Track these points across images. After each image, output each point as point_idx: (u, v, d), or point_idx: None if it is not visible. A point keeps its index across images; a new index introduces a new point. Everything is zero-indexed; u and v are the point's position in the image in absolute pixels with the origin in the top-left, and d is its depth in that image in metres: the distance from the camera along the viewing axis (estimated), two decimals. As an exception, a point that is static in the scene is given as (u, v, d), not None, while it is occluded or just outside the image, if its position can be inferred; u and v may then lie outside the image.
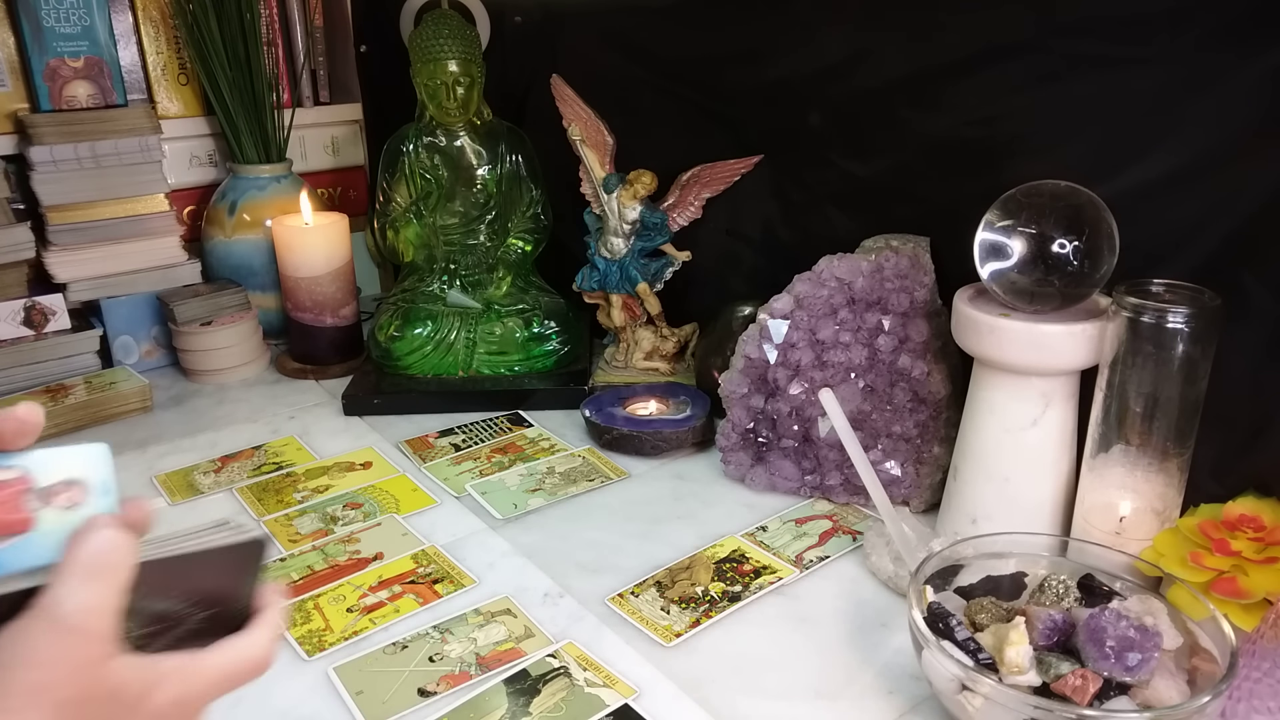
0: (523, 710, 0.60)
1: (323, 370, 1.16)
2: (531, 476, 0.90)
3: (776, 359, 0.85)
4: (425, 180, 1.10)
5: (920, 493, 0.82)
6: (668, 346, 1.09)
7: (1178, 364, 0.62)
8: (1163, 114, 0.68)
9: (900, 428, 0.82)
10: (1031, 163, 0.72)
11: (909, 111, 0.84)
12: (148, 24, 1.20)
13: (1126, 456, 0.66)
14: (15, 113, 1.12)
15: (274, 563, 0.77)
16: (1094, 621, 0.55)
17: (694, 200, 1.04)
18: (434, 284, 1.10)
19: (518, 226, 1.12)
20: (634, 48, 1.07)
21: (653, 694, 0.62)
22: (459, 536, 0.81)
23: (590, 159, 1.06)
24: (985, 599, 0.61)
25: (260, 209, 1.21)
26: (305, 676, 0.64)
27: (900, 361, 0.82)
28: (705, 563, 0.76)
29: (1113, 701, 0.53)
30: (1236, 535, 0.61)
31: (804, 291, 0.84)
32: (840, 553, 0.78)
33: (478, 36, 1.08)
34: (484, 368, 1.08)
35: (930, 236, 0.84)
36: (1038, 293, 0.68)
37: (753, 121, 0.98)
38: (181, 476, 0.91)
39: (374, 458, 0.95)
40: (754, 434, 0.88)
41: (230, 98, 1.19)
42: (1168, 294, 0.63)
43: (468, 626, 0.69)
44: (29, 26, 1.10)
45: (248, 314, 1.16)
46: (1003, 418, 0.71)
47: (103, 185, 1.13)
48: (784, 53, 0.93)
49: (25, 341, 1.08)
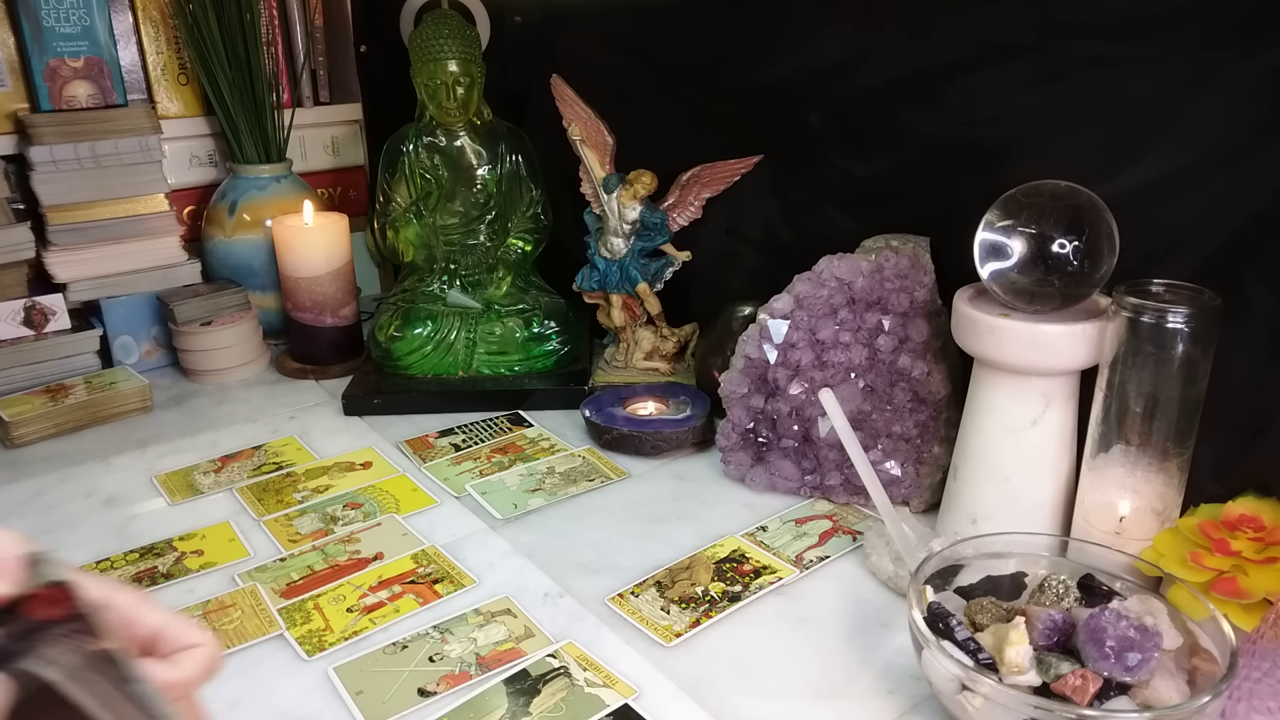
0: (523, 710, 0.60)
1: (323, 370, 1.16)
2: (531, 476, 0.90)
3: (776, 359, 0.85)
4: (425, 180, 1.10)
5: (920, 493, 0.82)
6: (668, 346, 1.09)
7: (1178, 364, 0.62)
8: (1162, 114, 0.68)
9: (900, 428, 0.82)
10: (1031, 163, 0.72)
11: (909, 111, 0.84)
12: (148, 24, 1.20)
13: (1126, 456, 0.66)
14: (15, 113, 1.12)
15: (274, 563, 0.77)
16: (1094, 621, 0.55)
17: (694, 200, 1.04)
18: (434, 284, 1.10)
19: (518, 226, 1.12)
20: (634, 48, 1.07)
21: (653, 694, 0.62)
22: (459, 536, 0.81)
23: (590, 159, 1.06)
24: (985, 599, 0.61)
25: (260, 209, 1.21)
26: (305, 676, 0.64)
27: (900, 361, 0.82)
28: (705, 563, 0.76)
29: (1113, 701, 0.53)
30: (1236, 535, 0.61)
31: (804, 291, 0.84)
32: (840, 553, 0.78)
33: (478, 36, 1.08)
34: (484, 368, 1.08)
35: (930, 236, 0.84)
36: (1038, 293, 0.68)
37: (753, 121, 0.98)
38: (181, 477, 0.91)
39: (374, 458, 0.95)
40: (754, 434, 0.88)
41: (230, 98, 1.19)
42: (1168, 294, 0.63)
43: (468, 626, 0.69)
44: (29, 26, 1.10)
45: (248, 314, 1.16)
46: (1003, 418, 0.71)
47: (103, 185, 1.13)
48: (784, 53, 0.93)
49: (25, 341, 1.08)
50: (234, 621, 0.70)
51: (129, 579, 0.75)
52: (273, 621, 0.70)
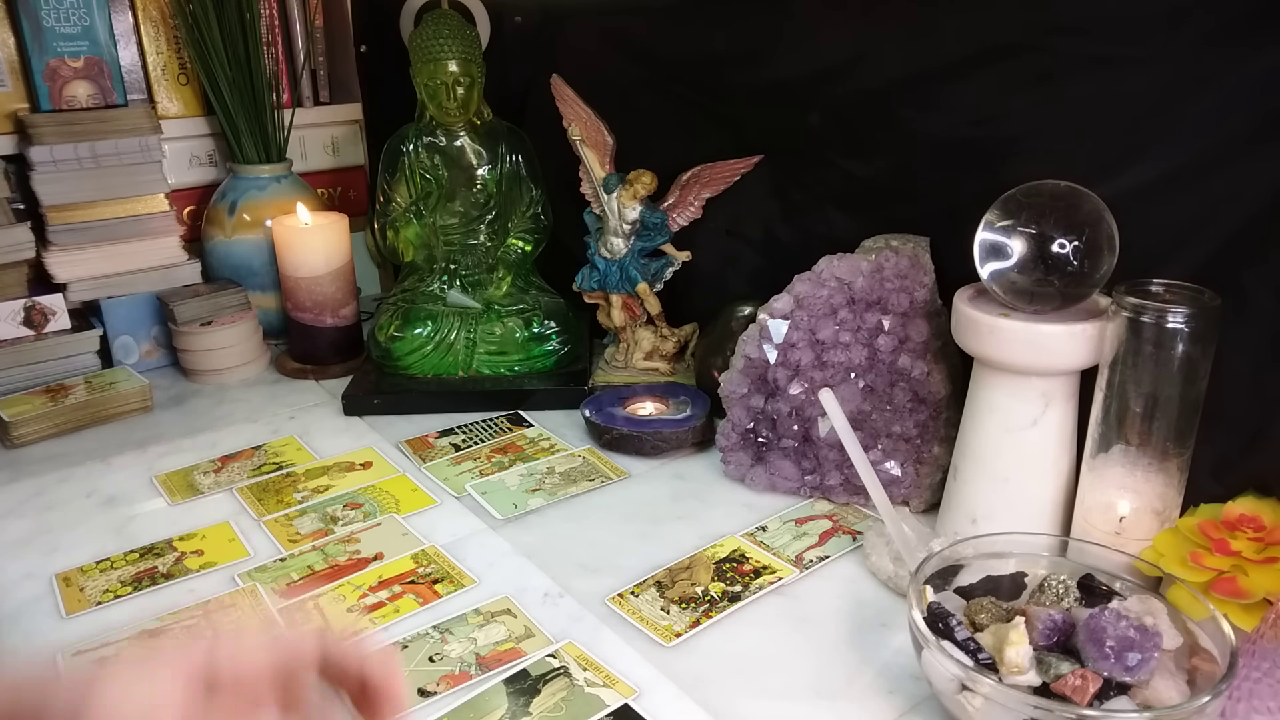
0: (523, 710, 0.60)
1: (323, 370, 1.16)
2: (531, 476, 0.90)
3: (776, 359, 0.85)
4: (425, 180, 1.10)
5: (920, 493, 0.82)
6: (668, 346, 1.09)
7: (1178, 364, 0.62)
8: (1162, 114, 0.68)
9: (900, 428, 0.82)
10: (1031, 163, 0.72)
11: (909, 111, 0.84)
12: (148, 24, 1.20)
13: (1126, 456, 0.66)
14: (15, 113, 1.12)
15: (274, 563, 0.77)
16: (1094, 621, 0.55)
17: (694, 200, 1.04)
18: (434, 284, 1.10)
19: (518, 226, 1.12)
20: (634, 48, 1.07)
21: (653, 694, 0.62)
22: (459, 536, 0.81)
23: (590, 159, 1.06)
24: (985, 599, 0.61)
25: (260, 209, 1.21)
26: (305, 676, 0.64)
27: (900, 361, 0.82)
28: (705, 563, 0.76)
29: (1113, 701, 0.53)
30: (1236, 535, 0.61)
31: (804, 291, 0.84)
32: (840, 553, 0.78)
33: (478, 36, 1.08)
34: (484, 368, 1.08)
35: (930, 236, 0.84)
36: (1038, 293, 0.68)
37: (753, 121, 0.98)
38: (181, 476, 0.91)
39: (374, 458, 0.95)
40: (754, 434, 0.88)
41: (230, 98, 1.19)
42: (1168, 294, 0.63)
43: (468, 626, 0.69)
44: (29, 26, 1.10)
45: (248, 314, 1.16)
46: (1003, 418, 0.71)
47: (103, 185, 1.13)
48: (784, 53, 0.93)
49: (25, 341, 1.08)
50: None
51: (129, 579, 0.75)
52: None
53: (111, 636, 0.68)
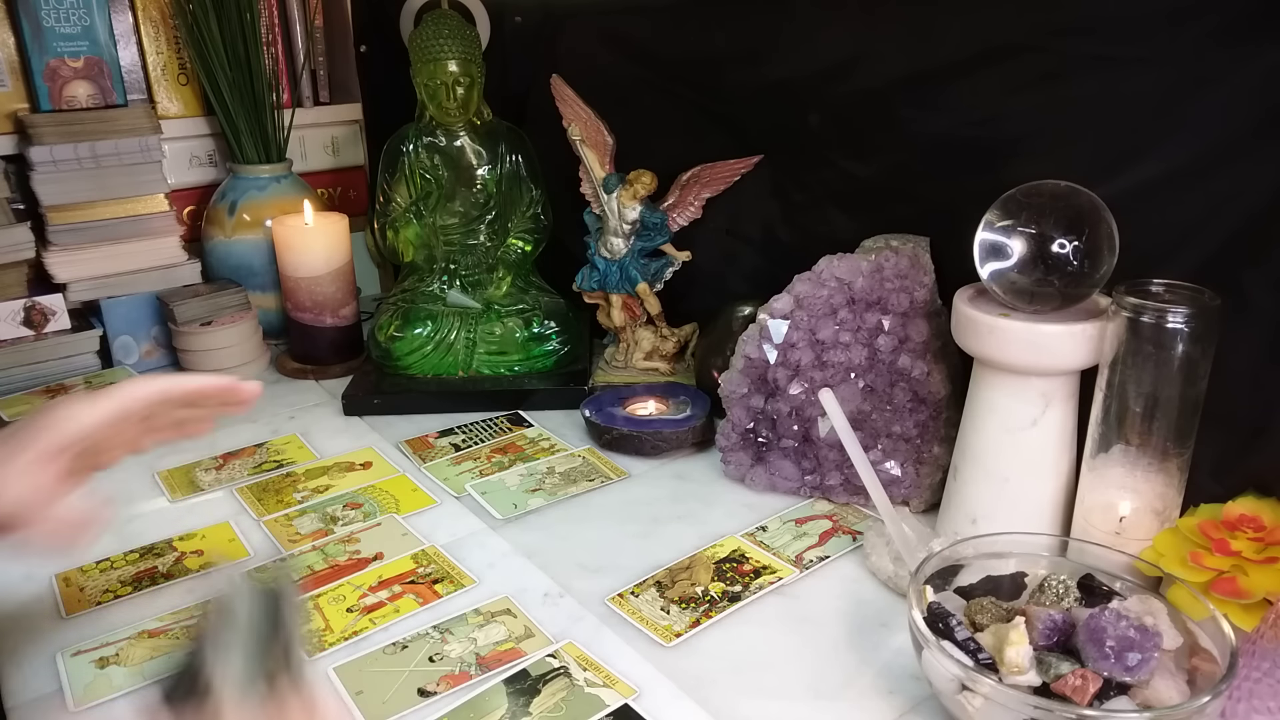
0: (523, 710, 0.60)
1: (323, 370, 1.16)
2: (531, 476, 0.90)
3: (776, 359, 0.85)
4: (425, 180, 1.10)
5: (920, 493, 0.82)
6: (668, 346, 1.09)
7: (1178, 364, 0.62)
8: (1163, 114, 0.68)
9: (900, 428, 0.82)
10: (1031, 163, 0.72)
11: (909, 111, 0.84)
12: (148, 24, 1.20)
13: (1126, 456, 0.66)
14: (15, 113, 1.12)
15: (274, 563, 0.77)
16: (1094, 621, 0.55)
17: (694, 200, 1.04)
18: (434, 284, 1.10)
19: (518, 226, 1.12)
20: (634, 48, 1.07)
21: (653, 694, 0.62)
22: (459, 536, 0.81)
23: (590, 159, 1.06)
24: (985, 599, 0.61)
25: (260, 209, 1.21)
26: (305, 676, 0.64)
27: (900, 361, 0.82)
28: (705, 563, 0.76)
29: (1113, 701, 0.53)
30: (1236, 535, 0.61)
31: (804, 291, 0.84)
32: (840, 553, 0.78)
33: (478, 36, 1.08)
34: (484, 368, 1.08)
35: (930, 236, 0.85)
36: (1038, 293, 0.68)
37: (753, 121, 0.98)
38: (183, 473, 0.91)
39: (374, 458, 0.95)
40: (754, 434, 0.88)
41: (230, 98, 1.19)
42: (1168, 294, 0.63)
43: (468, 626, 0.69)
44: (29, 26, 1.10)
45: (248, 314, 1.16)
46: (1003, 418, 0.71)
47: (103, 185, 1.13)
48: (784, 53, 0.93)
49: (25, 341, 1.08)
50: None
51: (129, 579, 0.75)
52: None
53: (111, 636, 0.68)
